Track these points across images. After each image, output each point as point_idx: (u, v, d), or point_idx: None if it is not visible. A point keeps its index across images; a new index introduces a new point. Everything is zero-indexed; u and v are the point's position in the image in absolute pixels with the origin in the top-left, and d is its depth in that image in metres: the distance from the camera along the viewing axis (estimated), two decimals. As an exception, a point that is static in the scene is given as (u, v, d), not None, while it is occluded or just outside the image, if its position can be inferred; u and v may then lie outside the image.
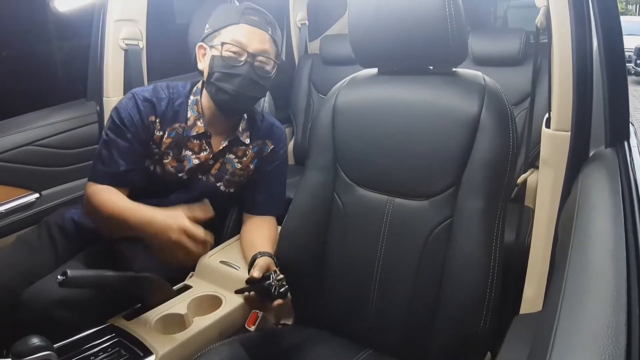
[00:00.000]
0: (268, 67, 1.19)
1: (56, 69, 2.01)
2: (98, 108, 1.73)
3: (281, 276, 1.06)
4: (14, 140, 1.54)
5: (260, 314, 1.12)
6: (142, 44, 1.76)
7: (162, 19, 2.30)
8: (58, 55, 2.03)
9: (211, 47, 1.17)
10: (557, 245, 0.86)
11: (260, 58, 1.16)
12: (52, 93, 1.85)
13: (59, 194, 1.63)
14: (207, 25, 1.20)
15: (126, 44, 1.70)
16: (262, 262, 1.10)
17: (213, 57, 1.16)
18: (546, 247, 1.11)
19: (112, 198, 1.11)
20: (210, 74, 1.17)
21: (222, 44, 1.14)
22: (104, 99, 1.71)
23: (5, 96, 1.76)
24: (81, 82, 1.79)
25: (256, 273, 1.05)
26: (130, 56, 1.72)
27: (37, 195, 1.59)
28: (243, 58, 1.14)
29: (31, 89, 1.86)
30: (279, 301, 1.04)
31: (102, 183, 1.16)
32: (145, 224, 1.02)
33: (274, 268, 1.10)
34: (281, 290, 1.04)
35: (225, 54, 1.14)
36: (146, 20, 1.77)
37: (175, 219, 0.98)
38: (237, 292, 1.09)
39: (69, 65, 1.99)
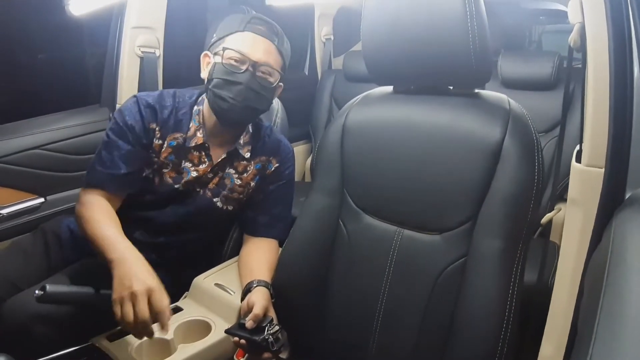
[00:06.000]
0: (271, 79, 1.14)
1: (81, 74, 2.02)
2: (111, 115, 1.71)
3: (277, 328, 0.98)
4: (23, 142, 1.52)
5: None
6: (159, 52, 1.74)
7: (194, 29, 2.30)
8: (87, 60, 2.05)
9: (214, 54, 1.14)
10: (583, 301, 0.75)
11: (263, 68, 1.12)
12: (74, 96, 1.85)
13: (64, 200, 1.60)
14: (214, 35, 1.17)
15: (142, 52, 1.69)
16: (256, 295, 1.02)
17: (215, 64, 1.12)
18: (570, 298, 0.99)
19: (99, 218, 1.04)
20: (209, 80, 1.13)
21: (224, 49, 1.10)
22: (117, 105, 1.69)
23: (29, 96, 1.76)
24: (98, 88, 1.78)
25: (249, 323, 0.97)
26: (145, 63, 1.70)
27: (42, 200, 1.56)
28: (245, 66, 1.10)
29: (54, 91, 1.86)
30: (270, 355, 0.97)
31: (99, 185, 1.11)
32: (119, 261, 0.93)
33: (271, 313, 1.02)
34: (275, 347, 0.96)
35: (226, 60, 1.10)
36: (173, 28, 1.75)
37: (148, 275, 0.91)
38: (228, 332, 1.01)
39: (91, 71, 2.00)
